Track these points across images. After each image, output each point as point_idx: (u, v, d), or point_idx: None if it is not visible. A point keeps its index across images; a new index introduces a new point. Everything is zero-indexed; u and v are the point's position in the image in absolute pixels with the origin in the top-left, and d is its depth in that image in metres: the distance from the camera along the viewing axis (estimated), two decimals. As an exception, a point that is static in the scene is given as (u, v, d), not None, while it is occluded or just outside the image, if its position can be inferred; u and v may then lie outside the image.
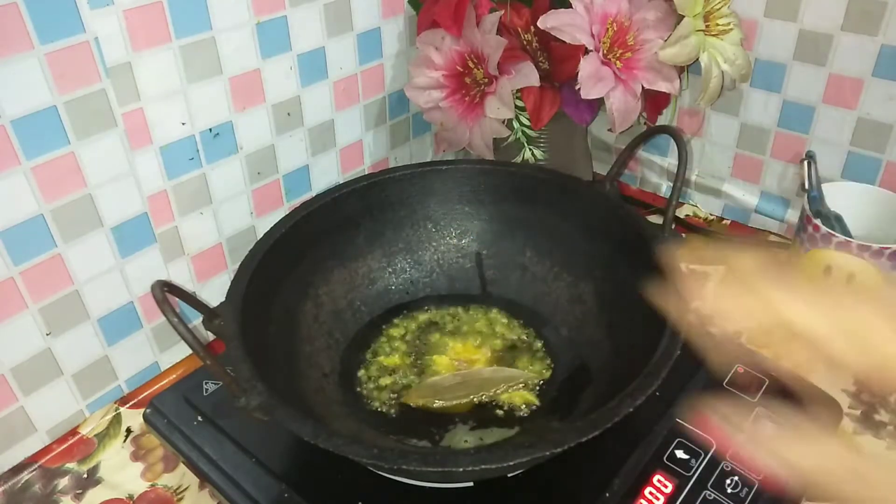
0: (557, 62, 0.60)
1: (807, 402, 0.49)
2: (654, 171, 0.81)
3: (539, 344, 0.55)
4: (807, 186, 0.62)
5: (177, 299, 0.41)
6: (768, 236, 0.74)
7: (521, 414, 0.50)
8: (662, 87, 0.59)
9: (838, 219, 0.62)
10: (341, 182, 0.62)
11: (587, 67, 0.57)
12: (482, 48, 0.59)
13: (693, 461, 0.46)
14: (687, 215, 0.78)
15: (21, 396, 0.51)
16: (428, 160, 0.77)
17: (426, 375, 0.53)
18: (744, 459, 0.46)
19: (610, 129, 0.61)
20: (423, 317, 0.58)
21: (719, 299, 0.35)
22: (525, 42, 0.61)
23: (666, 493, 0.44)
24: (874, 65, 0.61)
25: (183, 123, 0.54)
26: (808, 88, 0.66)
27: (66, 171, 0.48)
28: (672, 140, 0.52)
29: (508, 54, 0.58)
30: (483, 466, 0.36)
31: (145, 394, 0.59)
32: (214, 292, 0.62)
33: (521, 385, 0.52)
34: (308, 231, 0.54)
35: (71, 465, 0.53)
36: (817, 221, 0.59)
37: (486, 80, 0.61)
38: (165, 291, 0.36)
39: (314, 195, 0.58)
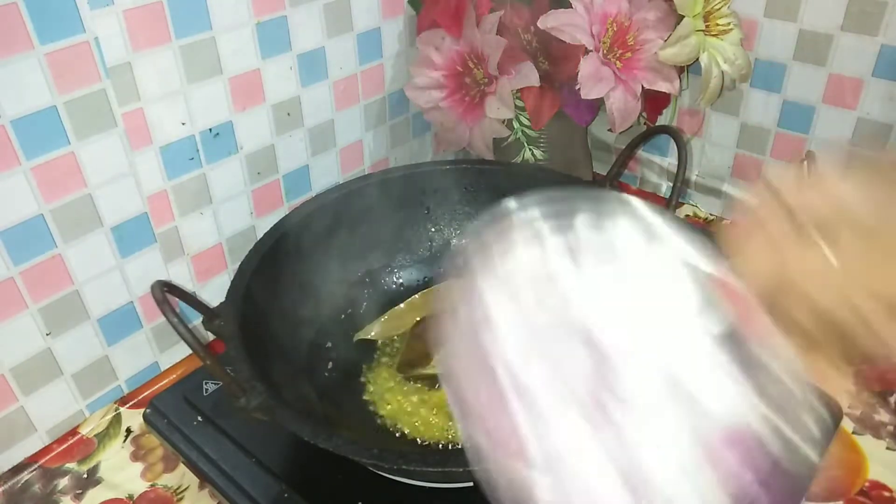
0: (557, 62, 0.60)
1: (807, 402, 0.49)
2: (654, 171, 0.81)
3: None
4: (807, 186, 0.61)
5: (177, 299, 0.41)
6: (768, 236, 0.74)
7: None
8: (662, 87, 0.59)
9: (838, 219, 0.62)
10: (341, 182, 0.62)
11: (587, 67, 0.57)
12: (482, 48, 0.59)
13: (693, 461, 0.46)
14: (687, 215, 0.78)
15: (21, 396, 0.51)
16: (428, 160, 0.77)
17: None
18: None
19: (610, 129, 0.61)
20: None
21: None
22: (525, 42, 0.61)
23: (666, 493, 0.44)
24: (874, 65, 0.61)
25: (183, 123, 0.54)
26: (808, 88, 0.66)
27: (66, 171, 0.48)
28: (672, 140, 0.52)
29: (508, 54, 0.58)
30: (483, 466, 0.36)
31: (145, 394, 0.59)
32: (214, 292, 0.62)
33: None
34: (308, 231, 0.54)
35: (71, 465, 0.53)
36: (817, 221, 0.59)
37: (486, 80, 0.61)
38: (165, 291, 0.36)
39: (314, 195, 0.58)
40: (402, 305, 0.58)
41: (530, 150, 0.65)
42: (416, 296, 0.59)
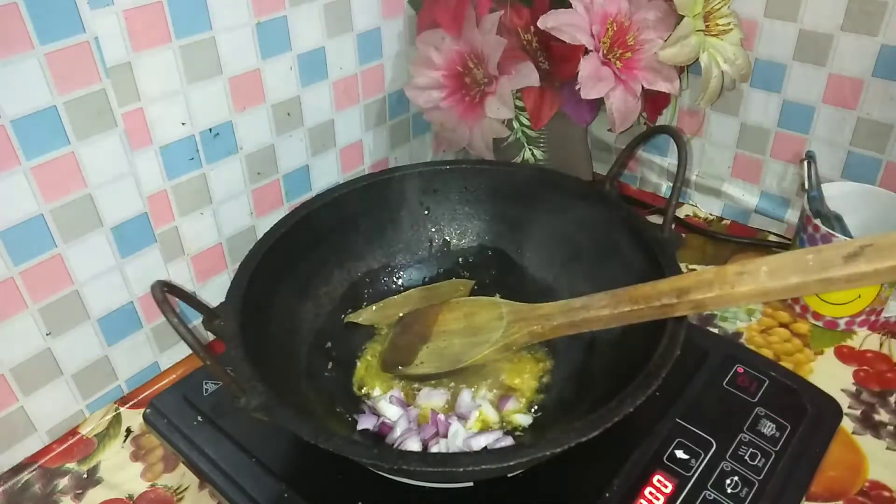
0: (557, 62, 0.60)
1: (807, 402, 0.49)
2: (654, 171, 0.81)
3: (540, 344, 0.55)
4: (807, 186, 0.62)
5: (177, 299, 0.41)
6: (768, 236, 0.74)
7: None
8: (662, 87, 0.59)
9: (838, 219, 0.62)
10: (341, 182, 0.62)
11: (587, 67, 0.57)
12: (482, 48, 0.59)
13: (693, 461, 0.46)
14: (687, 215, 0.78)
15: (21, 396, 0.51)
16: (428, 160, 0.77)
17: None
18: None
19: (610, 129, 0.61)
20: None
21: None
22: (525, 42, 0.61)
23: (666, 493, 0.44)
24: (874, 65, 0.61)
25: (183, 123, 0.54)
26: (808, 88, 0.66)
27: (66, 171, 0.48)
28: (672, 140, 0.52)
29: (508, 54, 0.58)
30: (483, 466, 0.36)
31: (145, 394, 0.59)
32: (214, 292, 0.62)
33: (490, 348, 0.50)
34: (308, 231, 0.54)
35: (71, 465, 0.53)
36: (817, 221, 0.59)
37: (486, 80, 0.61)
38: (165, 291, 0.36)
39: (314, 195, 0.58)
40: (397, 297, 0.59)
41: (530, 150, 0.65)
42: (414, 290, 0.59)
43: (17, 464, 0.53)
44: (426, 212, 0.61)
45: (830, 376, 0.57)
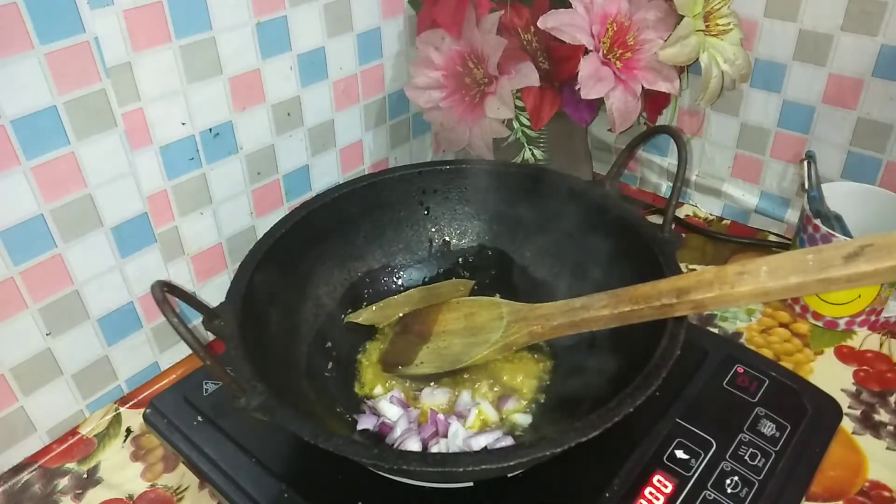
0: (557, 62, 0.60)
1: (807, 402, 0.49)
2: (654, 171, 0.81)
3: (540, 344, 0.55)
4: (807, 186, 0.62)
5: (177, 299, 0.41)
6: (768, 236, 0.74)
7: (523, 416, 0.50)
8: (662, 87, 0.59)
9: (838, 219, 0.62)
10: (341, 182, 0.62)
11: (587, 67, 0.57)
12: (482, 48, 0.59)
13: (693, 461, 0.46)
14: (687, 215, 0.78)
15: (21, 396, 0.51)
16: (428, 160, 0.77)
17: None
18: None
19: (610, 129, 0.61)
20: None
21: None
22: (525, 42, 0.61)
23: (666, 493, 0.44)
24: (874, 65, 0.61)
25: (183, 123, 0.54)
26: (807, 88, 0.66)
27: (66, 171, 0.48)
28: (672, 140, 0.52)
29: (508, 54, 0.58)
30: (483, 466, 0.36)
31: (145, 394, 0.59)
32: (214, 292, 0.62)
33: (490, 348, 0.50)
34: (308, 231, 0.54)
35: (71, 465, 0.53)
36: (817, 221, 0.59)
37: (486, 80, 0.61)
38: (165, 291, 0.36)
39: (314, 195, 0.58)
40: (397, 297, 0.59)
41: (530, 150, 0.65)
42: (414, 290, 0.59)
43: (17, 464, 0.53)
44: (426, 212, 0.61)
45: (830, 376, 0.57)
